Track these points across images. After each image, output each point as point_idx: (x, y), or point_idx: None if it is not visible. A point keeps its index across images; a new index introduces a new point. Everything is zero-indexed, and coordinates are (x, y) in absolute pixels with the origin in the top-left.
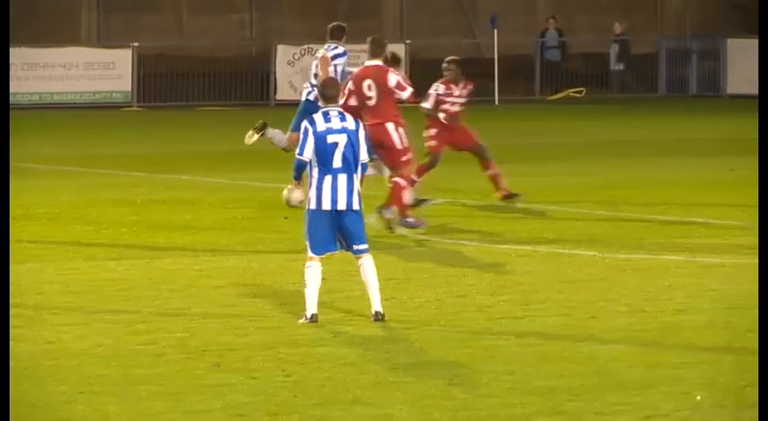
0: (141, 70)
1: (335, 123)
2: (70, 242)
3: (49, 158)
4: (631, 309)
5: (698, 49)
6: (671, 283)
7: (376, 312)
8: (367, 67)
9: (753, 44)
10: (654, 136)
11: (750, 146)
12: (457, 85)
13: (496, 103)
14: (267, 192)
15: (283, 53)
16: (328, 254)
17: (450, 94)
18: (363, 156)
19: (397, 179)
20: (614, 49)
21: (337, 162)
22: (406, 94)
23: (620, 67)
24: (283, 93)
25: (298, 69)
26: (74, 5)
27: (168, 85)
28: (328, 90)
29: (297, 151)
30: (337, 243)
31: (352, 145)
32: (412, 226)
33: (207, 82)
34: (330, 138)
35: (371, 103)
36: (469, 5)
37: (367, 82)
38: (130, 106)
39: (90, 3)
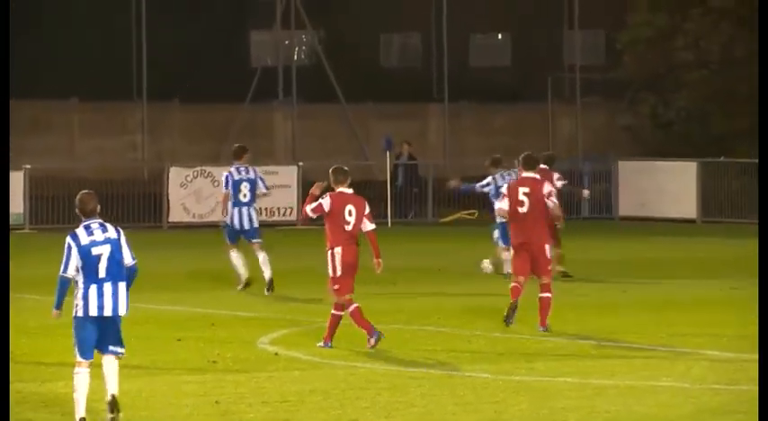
0: (33, 192)
1: (98, 235)
2: None
3: None
4: None
5: (590, 171)
6: (564, 405)
7: (112, 395)
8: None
9: (643, 166)
10: None
11: (641, 267)
12: None
13: (389, 225)
14: (162, 313)
15: (176, 175)
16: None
17: None
18: (128, 260)
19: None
20: (400, 173)
21: (102, 272)
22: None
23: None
24: (176, 215)
25: (190, 191)
26: None
27: (60, 207)
28: (87, 205)
29: (60, 270)
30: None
31: (116, 253)
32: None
33: (99, 204)
34: (95, 251)
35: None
36: (361, 129)
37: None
38: (22, 228)
39: None
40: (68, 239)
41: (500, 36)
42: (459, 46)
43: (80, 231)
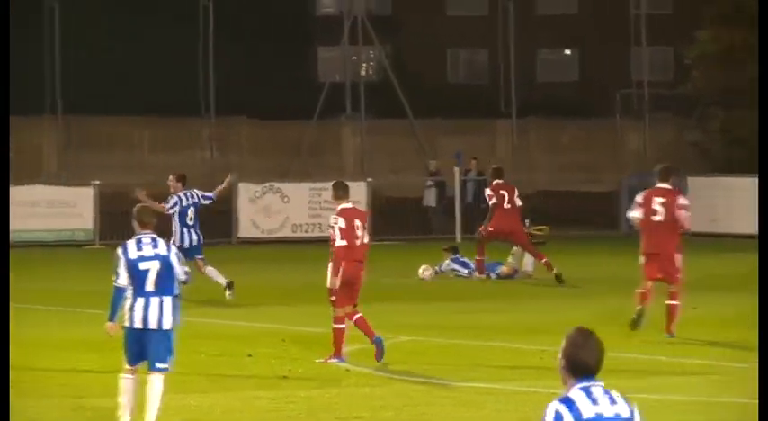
0: (103, 208)
1: (147, 250)
2: (30, 379)
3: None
4: None
5: None
6: None
7: None
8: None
9: (712, 182)
10: (616, 274)
11: (712, 283)
12: None
13: (459, 240)
14: (232, 329)
15: (245, 191)
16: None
17: None
18: (179, 277)
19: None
20: (431, 189)
21: (150, 286)
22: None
23: (432, 204)
24: (245, 230)
25: (260, 207)
26: (36, 143)
27: (130, 223)
28: (145, 216)
29: (114, 279)
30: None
31: (165, 270)
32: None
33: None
34: (142, 265)
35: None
36: (429, 144)
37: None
38: (92, 244)
39: (51, 140)
40: (118, 250)
41: (568, 51)
42: (526, 61)
43: (130, 244)
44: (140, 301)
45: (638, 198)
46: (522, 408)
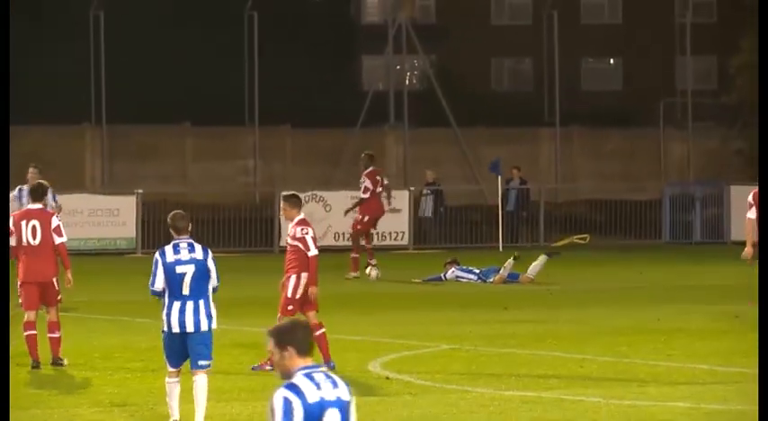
0: (145, 217)
1: (184, 254)
2: (74, 387)
3: None
4: None
5: (701, 196)
6: None
7: None
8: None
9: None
10: (658, 282)
11: (754, 292)
12: None
13: (500, 249)
14: None
15: None
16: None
17: None
18: (213, 283)
19: None
20: (428, 199)
21: (186, 289)
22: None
23: (429, 214)
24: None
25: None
26: (78, 152)
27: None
28: (179, 222)
29: (149, 283)
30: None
31: (201, 273)
32: None
33: (211, 228)
34: (179, 269)
35: None
36: (472, 153)
37: None
38: (134, 253)
39: (94, 149)
40: (156, 255)
41: (611, 61)
42: (570, 70)
43: (168, 249)
44: (176, 306)
45: (750, 198)
46: (565, 416)
